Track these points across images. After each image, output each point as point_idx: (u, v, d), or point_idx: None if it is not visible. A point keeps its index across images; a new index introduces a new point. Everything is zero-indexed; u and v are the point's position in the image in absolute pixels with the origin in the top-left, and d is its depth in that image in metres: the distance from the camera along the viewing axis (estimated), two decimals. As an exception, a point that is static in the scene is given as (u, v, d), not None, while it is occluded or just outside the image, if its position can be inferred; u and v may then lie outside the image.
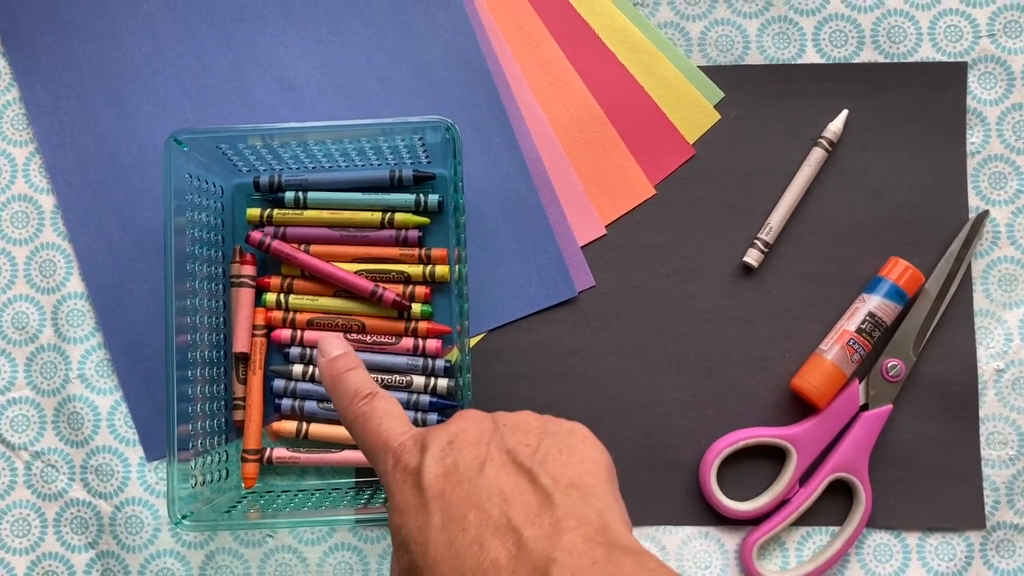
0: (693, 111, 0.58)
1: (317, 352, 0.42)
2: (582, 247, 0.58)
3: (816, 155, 0.57)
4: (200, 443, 0.52)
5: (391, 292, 0.55)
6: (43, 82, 0.59)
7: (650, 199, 0.58)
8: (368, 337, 0.56)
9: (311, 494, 0.55)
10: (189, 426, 0.51)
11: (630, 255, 0.58)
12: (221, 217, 0.57)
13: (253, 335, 0.56)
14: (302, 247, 0.56)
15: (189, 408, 0.51)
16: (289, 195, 0.56)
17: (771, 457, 0.57)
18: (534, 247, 0.58)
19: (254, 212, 0.57)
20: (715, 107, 0.59)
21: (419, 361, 0.56)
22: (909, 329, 0.56)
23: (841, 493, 0.56)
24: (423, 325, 0.56)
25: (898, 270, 0.55)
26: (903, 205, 0.58)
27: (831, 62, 0.59)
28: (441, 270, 0.56)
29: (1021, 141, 0.58)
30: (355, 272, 0.56)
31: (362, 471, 0.57)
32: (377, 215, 0.56)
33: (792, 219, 0.58)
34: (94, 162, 0.58)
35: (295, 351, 0.56)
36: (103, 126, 0.58)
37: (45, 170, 0.58)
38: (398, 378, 0.55)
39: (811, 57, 0.59)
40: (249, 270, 0.57)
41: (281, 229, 0.56)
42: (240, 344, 0.56)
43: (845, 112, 0.58)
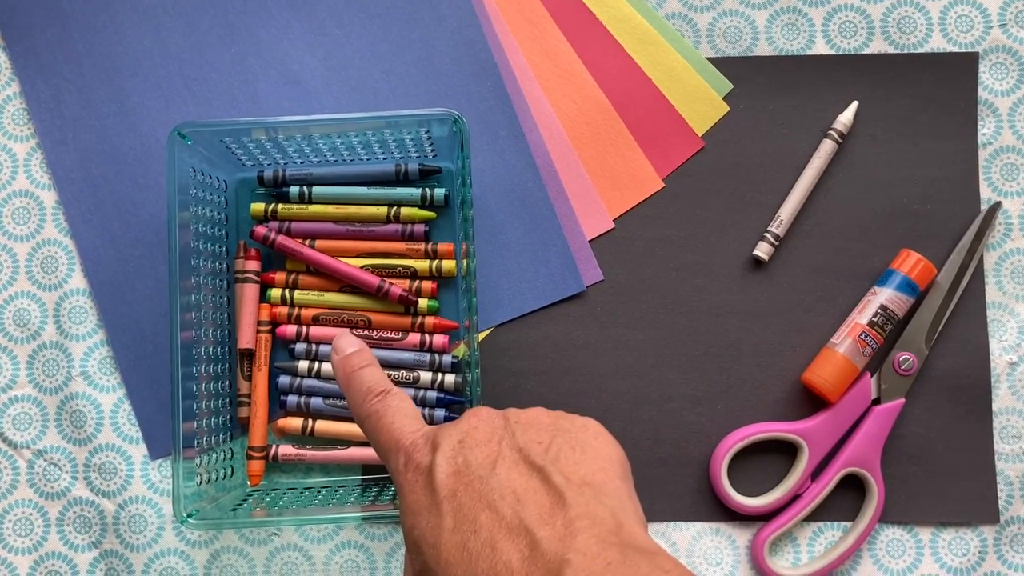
0: (702, 103, 0.58)
1: (331, 349, 0.42)
2: (590, 241, 0.57)
3: (826, 147, 0.57)
4: (205, 440, 0.52)
5: (397, 287, 0.55)
6: (44, 76, 0.58)
7: (659, 192, 0.58)
8: (374, 333, 0.55)
9: (317, 491, 0.54)
10: (194, 423, 0.50)
11: (639, 249, 0.57)
12: (225, 212, 0.56)
13: (258, 331, 0.56)
14: (307, 242, 0.56)
15: (194, 405, 0.50)
16: (294, 189, 0.56)
17: (782, 452, 0.56)
18: (542, 241, 0.57)
19: (258, 207, 0.56)
20: (724, 99, 0.58)
21: (426, 357, 0.55)
22: (921, 322, 0.56)
23: (853, 488, 0.56)
24: (430, 320, 0.55)
25: (910, 262, 0.55)
26: (914, 197, 0.57)
27: (841, 53, 0.58)
28: (448, 265, 0.56)
29: (1033, 132, 0.57)
30: (361, 267, 0.55)
31: (369, 468, 0.56)
32: (383, 209, 0.55)
33: (802, 212, 0.57)
34: (96, 157, 0.58)
35: (300, 347, 0.55)
36: (105, 121, 0.58)
37: (46, 165, 0.58)
38: (405, 374, 0.55)
39: (820, 48, 0.58)
40: (253, 265, 0.56)
41: (286, 224, 0.56)
42: (245, 340, 0.55)
43: (855, 104, 0.57)
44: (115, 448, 0.56)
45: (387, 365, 0.55)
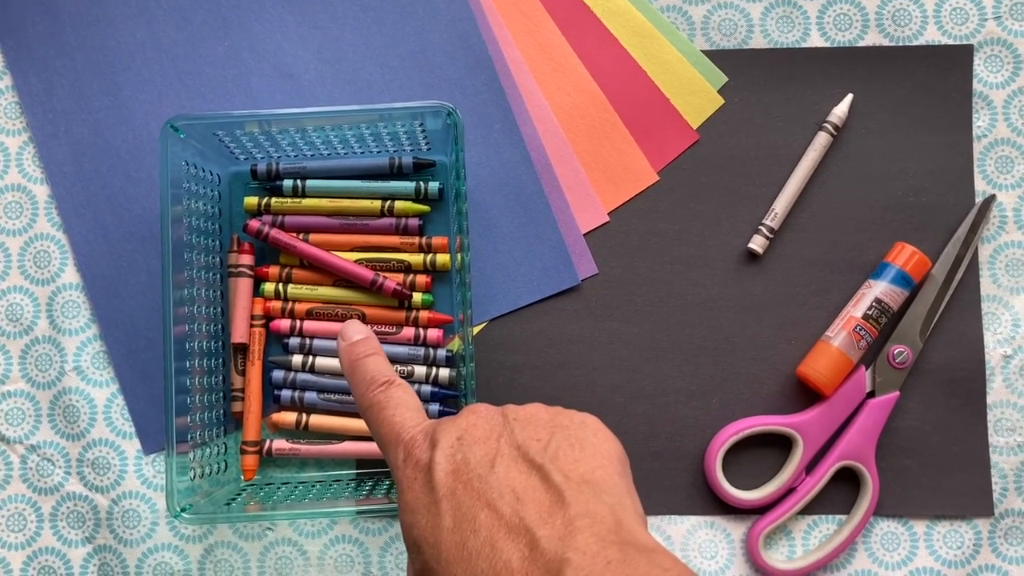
0: (696, 96, 0.58)
1: (338, 336, 0.42)
2: (585, 234, 0.57)
3: (821, 140, 0.57)
4: (199, 435, 0.51)
5: (391, 281, 0.55)
6: (36, 70, 0.58)
7: (653, 185, 0.58)
8: (369, 327, 0.55)
9: (311, 486, 0.54)
10: (187, 418, 0.50)
11: (633, 242, 0.57)
12: (218, 206, 0.56)
13: (251, 325, 0.55)
14: (301, 236, 0.55)
15: (187, 400, 0.50)
16: (287, 183, 0.55)
17: (777, 445, 0.56)
18: (536, 235, 0.57)
19: (252, 200, 0.56)
20: (719, 92, 0.58)
21: (420, 351, 0.55)
22: (916, 315, 0.55)
23: (848, 481, 0.56)
24: (424, 314, 0.55)
25: (904, 255, 0.55)
26: (909, 190, 0.57)
27: (836, 46, 0.58)
28: (442, 259, 0.55)
29: (1028, 124, 0.57)
30: (355, 261, 0.55)
31: (363, 462, 0.56)
32: (377, 203, 0.55)
33: (797, 205, 0.57)
34: (89, 151, 0.57)
35: (294, 341, 0.55)
36: (97, 114, 0.57)
37: (39, 159, 0.57)
38: (399, 368, 0.55)
39: (815, 41, 0.58)
40: (247, 259, 0.56)
41: (279, 218, 0.56)
42: (238, 335, 0.55)
43: (850, 96, 0.57)
44: (108, 443, 0.56)
45: (381, 359, 0.55)
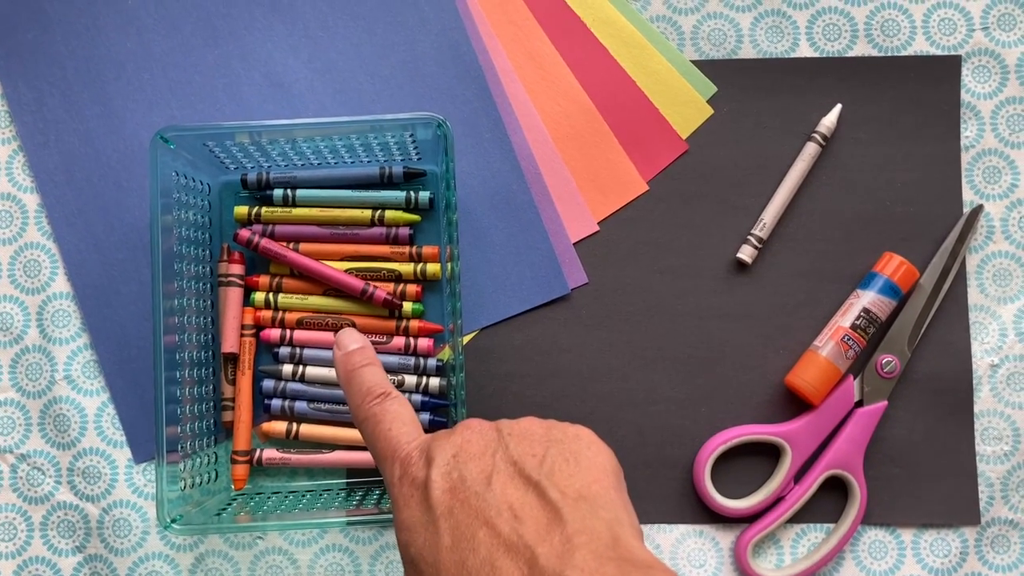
0: (686, 106, 0.58)
1: (334, 344, 0.41)
2: (574, 244, 0.57)
3: (810, 150, 0.57)
4: (189, 445, 0.51)
5: (382, 290, 0.55)
6: (26, 79, 0.58)
7: (643, 195, 0.58)
8: (364, 335, 0.55)
9: (302, 495, 0.54)
10: (178, 428, 0.50)
11: (623, 252, 0.57)
12: (208, 215, 0.56)
13: (242, 335, 0.56)
14: (291, 245, 0.56)
15: (178, 409, 0.50)
16: (277, 192, 0.56)
17: (765, 454, 0.56)
18: (526, 244, 0.57)
19: (242, 210, 0.56)
20: (708, 102, 0.58)
21: (411, 360, 0.55)
22: (904, 325, 0.56)
23: (836, 490, 0.56)
24: (414, 324, 0.55)
25: (892, 265, 0.55)
26: (897, 200, 0.57)
27: (825, 56, 0.58)
28: (432, 268, 0.56)
29: (1015, 135, 0.57)
30: (345, 270, 0.55)
31: (353, 472, 0.56)
32: (367, 212, 0.55)
33: (786, 215, 0.57)
34: (79, 160, 0.57)
35: (284, 351, 0.55)
36: (88, 123, 0.57)
37: (29, 168, 0.57)
38: (390, 378, 0.54)
39: (804, 51, 0.58)
40: (237, 269, 0.56)
41: (270, 227, 0.56)
42: (229, 344, 0.55)
43: (839, 107, 0.57)
44: (99, 452, 0.56)
45: (371, 368, 0.55)
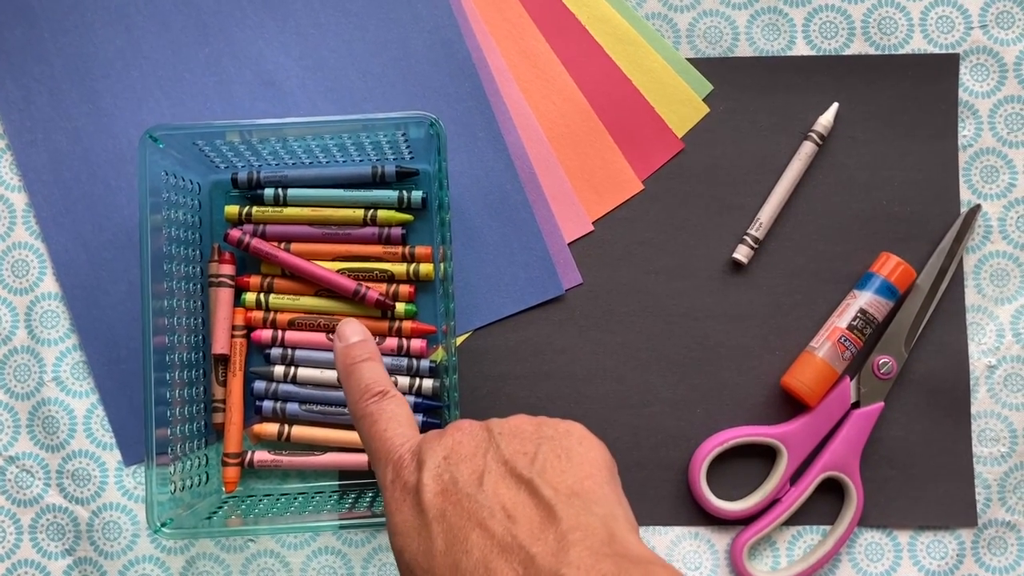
0: (681, 104, 0.57)
1: (335, 336, 0.41)
2: (569, 244, 0.57)
3: (806, 149, 0.56)
4: (179, 447, 0.51)
5: (374, 291, 0.54)
6: (13, 77, 0.57)
7: (638, 194, 0.57)
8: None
9: (294, 498, 0.54)
10: (168, 430, 0.50)
11: (618, 252, 0.57)
12: (199, 215, 0.55)
13: (233, 336, 0.55)
14: (282, 245, 0.55)
15: (168, 412, 0.50)
16: (268, 192, 0.55)
17: (761, 456, 0.56)
18: (520, 244, 0.56)
19: (232, 210, 0.55)
20: (704, 100, 0.57)
21: (404, 361, 0.55)
22: (900, 325, 0.55)
23: (832, 492, 0.55)
24: (407, 325, 0.55)
25: (889, 266, 0.55)
26: (894, 199, 0.57)
27: (821, 54, 0.58)
28: (425, 268, 0.55)
29: (1013, 134, 0.57)
30: (337, 271, 0.54)
31: (345, 474, 0.55)
32: (359, 212, 0.55)
33: (782, 214, 0.57)
34: (67, 159, 0.57)
35: (276, 352, 0.55)
36: (76, 122, 0.57)
37: (16, 167, 0.57)
38: (382, 379, 0.54)
39: (801, 49, 0.58)
40: (228, 269, 0.55)
41: (260, 227, 0.55)
42: (219, 345, 0.55)
43: (835, 105, 0.57)
44: (88, 454, 0.55)
45: (364, 370, 0.54)
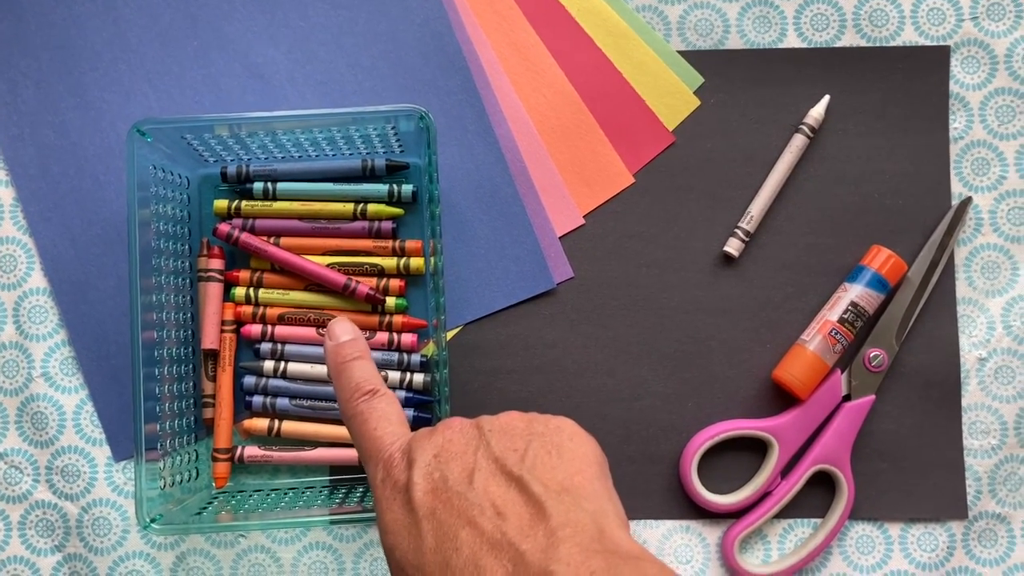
0: (672, 97, 0.57)
1: (326, 334, 0.41)
2: (560, 237, 0.57)
3: (797, 142, 0.56)
4: (169, 443, 0.51)
5: (364, 285, 0.54)
6: None
7: (629, 188, 0.57)
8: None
9: (284, 493, 0.54)
10: (157, 425, 0.49)
11: (609, 245, 0.57)
12: (187, 209, 0.55)
13: (222, 331, 0.55)
14: (272, 240, 0.55)
15: (157, 407, 0.49)
16: (258, 186, 0.55)
17: (752, 449, 0.56)
18: (511, 238, 0.56)
19: (221, 204, 0.55)
20: (695, 93, 0.57)
21: (394, 356, 0.54)
22: (891, 318, 0.55)
23: (823, 485, 0.56)
24: (398, 319, 0.55)
25: (880, 258, 0.55)
26: (885, 192, 0.57)
27: (812, 46, 0.57)
28: (416, 262, 0.55)
29: (1004, 126, 0.57)
30: (327, 265, 0.54)
31: (336, 469, 0.55)
32: (349, 206, 0.55)
33: (773, 207, 0.57)
34: (55, 153, 0.56)
35: (266, 347, 0.54)
36: (63, 116, 0.56)
37: (3, 161, 0.56)
38: (372, 373, 0.54)
39: (792, 41, 0.57)
40: (217, 264, 0.55)
41: (250, 221, 0.55)
42: (209, 340, 0.54)
43: (827, 98, 0.57)
44: (78, 450, 0.55)
45: (354, 364, 0.54)
